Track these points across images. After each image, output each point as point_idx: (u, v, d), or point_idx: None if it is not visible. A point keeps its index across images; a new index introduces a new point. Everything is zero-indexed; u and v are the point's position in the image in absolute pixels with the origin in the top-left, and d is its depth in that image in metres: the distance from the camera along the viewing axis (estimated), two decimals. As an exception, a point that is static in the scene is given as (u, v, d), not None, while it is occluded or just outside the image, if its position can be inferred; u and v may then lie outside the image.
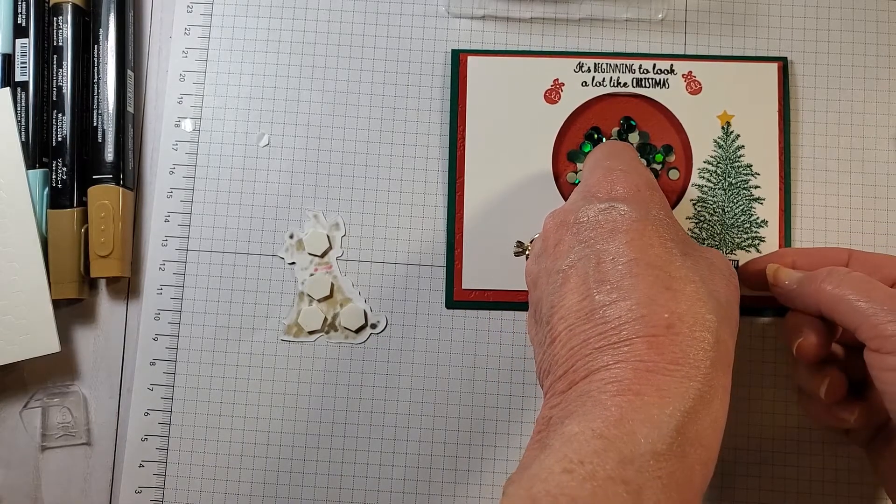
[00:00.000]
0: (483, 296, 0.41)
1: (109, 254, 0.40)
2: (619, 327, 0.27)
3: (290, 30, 0.42)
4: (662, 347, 0.27)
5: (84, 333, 0.41)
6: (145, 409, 0.40)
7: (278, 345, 0.41)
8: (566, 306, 0.29)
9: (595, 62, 0.42)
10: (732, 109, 0.41)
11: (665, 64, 0.42)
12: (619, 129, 0.41)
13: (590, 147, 0.41)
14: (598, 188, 0.33)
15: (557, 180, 0.41)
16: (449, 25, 0.42)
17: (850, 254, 0.36)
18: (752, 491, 0.39)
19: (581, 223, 0.31)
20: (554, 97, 0.42)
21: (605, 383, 0.26)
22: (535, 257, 0.34)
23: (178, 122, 0.42)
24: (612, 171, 0.33)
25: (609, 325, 0.28)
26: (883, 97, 0.42)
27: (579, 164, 0.41)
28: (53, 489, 0.40)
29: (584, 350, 0.28)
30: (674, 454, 0.25)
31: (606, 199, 0.32)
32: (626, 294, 0.28)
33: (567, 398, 0.28)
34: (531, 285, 0.34)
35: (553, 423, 0.27)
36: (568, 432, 0.26)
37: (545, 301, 0.31)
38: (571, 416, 0.26)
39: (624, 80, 0.42)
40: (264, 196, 0.42)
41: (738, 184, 0.41)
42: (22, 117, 0.41)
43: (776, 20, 0.42)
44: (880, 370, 0.30)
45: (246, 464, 0.40)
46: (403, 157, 0.42)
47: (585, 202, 0.32)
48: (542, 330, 0.31)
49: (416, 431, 0.40)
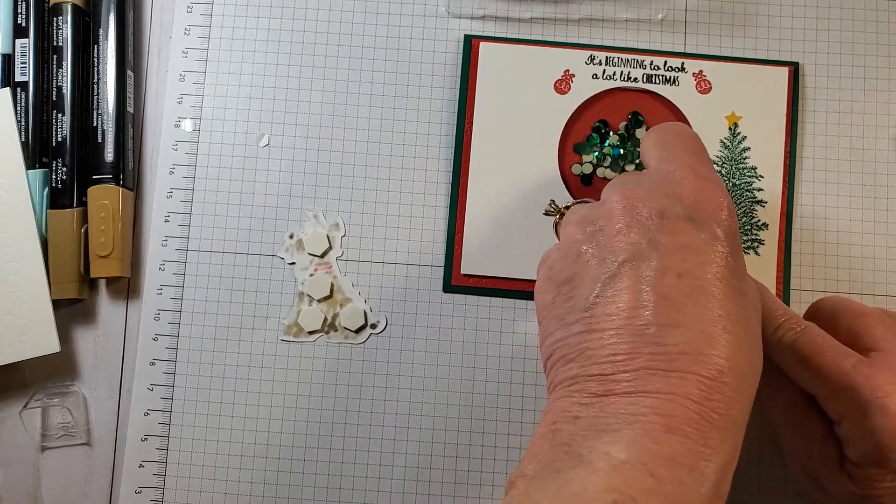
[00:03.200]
0: (481, 282, 0.41)
1: (109, 254, 0.40)
2: (675, 356, 0.26)
3: (290, 30, 0.42)
4: (711, 392, 0.26)
5: (84, 333, 0.41)
6: (145, 409, 0.40)
7: (278, 345, 0.41)
8: (618, 305, 0.28)
9: (606, 55, 0.42)
10: (741, 111, 0.41)
11: (676, 62, 0.42)
12: (626, 124, 0.42)
13: (597, 139, 0.41)
14: (684, 191, 0.30)
15: (562, 171, 0.41)
16: (449, 25, 0.42)
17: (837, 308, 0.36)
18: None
19: (656, 222, 0.29)
20: (564, 88, 0.42)
21: (654, 413, 0.26)
22: (583, 223, 0.31)
23: (177, 122, 0.42)
24: (701, 178, 0.31)
25: (664, 349, 0.27)
26: (883, 97, 0.42)
27: (585, 156, 0.41)
28: (53, 489, 0.40)
29: (632, 363, 0.27)
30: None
31: (691, 207, 0.29)
32: (688, 322, 0.27)
33: (606, 408, 0.27)
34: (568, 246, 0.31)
35: (584, 426, 0.27)
36: (615, 457, 0.25)
37: (589, 280, 0.29)
38: (614, 435, 0.26)
39: (634, 76, 0.42)
40: (264, 196, 0.42)
41: (742, 185, 0.41)
42: (22, 117, 0.41)
43: (776, 20, 0.42)
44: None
45: (246, 464, 0.40)
46: (403, 157, 0.42)
47: (668, 200, 0.30)
48: (575, 308, 0.29)
49: (416, 431, 0.40)
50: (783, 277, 0.40)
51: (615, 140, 0.41)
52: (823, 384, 0.32)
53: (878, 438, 0.31)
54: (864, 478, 0.32)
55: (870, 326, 0.34)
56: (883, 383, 0.31)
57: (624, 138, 0.42)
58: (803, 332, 0.34)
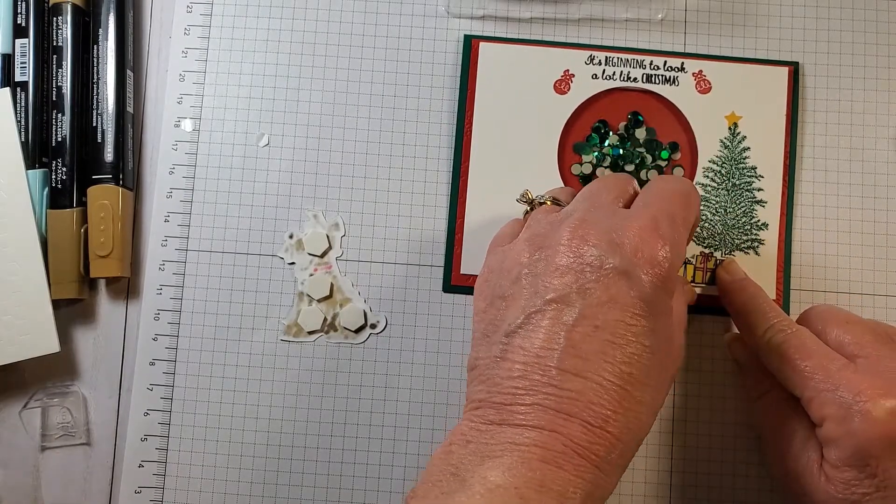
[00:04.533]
0: None
1: (109, 254, 0.40)
2: (568, 400, 0.28)
3: (290, 30, 0.42)
4: (593, 438, 0.28)
5: (84, 333, 0.41)
6: (145, 409, 0.40)
7: (278, 345, 0.41)
8: (533, 341, 0.29)
9: (606, 55, 0.42)
10: (741, 111, 0.41)
11: (676, 62, 0.42)
12: (626, 124, 0.42)
13: (596, 139, 0.41)
14: (629, 240, 0.30)
15: (562, 171, 0.41)
16: (449, 25, 0.42)
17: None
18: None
19: (593, 272, 0.30)
20: (563, 88, 0.42)
21: (535, 445, 0.28)
22: (532, 244, 0.32)
23: (177, 122, 0.42)
24: (655, 231, 0.31)
25: (560, 391, 0.28)
26: (883, 97, 0.42)
27: (584, 156, 0.41)
28: (53, 489, 0.40)
29: (529, 398, 0.29)
30: None
31: (630, 260, 0.30)
32: (589, 372, 0.29)
33: (496, 436, 0.29)
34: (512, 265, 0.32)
35: (472, 451, 0.29)
36: (491, 481, 0.27)
37: (518, 306, 0.30)
38: (495, 461, 0.28)
39: (634, 76, 0.42)
40: (264, 196, 0.42)
41: (742, 185, 0.41)
42: (22, 117, 0.41)
43: (776, 20, 0.42)
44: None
45: (246, 464, 0.40)
46: (403, 157, 0.42)
47: (610, 249, 0.30)
48: (499, 330, 0.31)
49: (416, 431, 0.40)
50: (783, 277, 0.40)
51: (615, 140, 0.41)
52: (808, 386, 0.33)
53: (858, 442, 0.31)
54: (843, 482, 0.32)
55: (858, 334, 0.35)
56: (866, 388, 0.32)
57: (623, 138, 0.42)
58: (793, 334, 0.35)
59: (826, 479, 0.33)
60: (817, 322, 0.36)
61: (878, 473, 0.31)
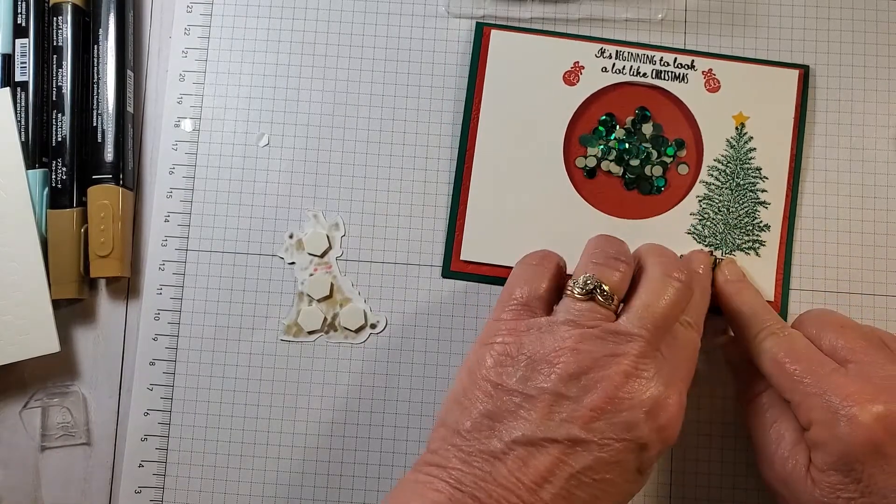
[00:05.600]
0: (480, 269, 0.41)
1: (109, 254, 0.40)
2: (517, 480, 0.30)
3: (290, 30, 0.42)
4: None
5: (84, 333, 0.41)
6: (145, 409, 0.40)
7: (278, 345, 0.41)
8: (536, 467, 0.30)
9: (617, 49, 0.42)
10: (748, 111, 0.41)
11: (686, 59, 0.42)
12: (633, 118, 0.42)
13: (603, 132, 0.41)
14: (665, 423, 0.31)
15: (566, 162, 0.41)
16: (448, 25, 0.42)
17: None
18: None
19: (624, 427, 0.31)
20: (573, 79, 0.42)
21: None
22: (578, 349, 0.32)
23: (177, 122, 0.42)
24: (682, 410, 0.32)
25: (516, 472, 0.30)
26: (883, 97, 0.42)
27: (590, 149, 0.41)
28: (53, 489, 0.40)
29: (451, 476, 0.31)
30: None
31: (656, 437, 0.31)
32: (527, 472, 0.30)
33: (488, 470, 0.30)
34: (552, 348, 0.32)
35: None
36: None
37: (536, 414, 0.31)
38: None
39: (644, 71, 0.42)
40: (264, 196, 0.42)
41: (746, 185, 0.41)
42: (22, 117, 0.41)
43: (776, 20, 0.42)
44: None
45: (246, 464, 0.40)
46: (403, 157, 0.42)
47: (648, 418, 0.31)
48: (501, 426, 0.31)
49: (416, 431, 0.40)
50: (783, 279, 0.40)
51: (621, 134, 0.41)
52: (797, 389, 0.33)
53: (844, 447, 0.31)
54: (829, 486, 0.32)
55: (852, 339, 0.35)
56: (854, 393, 0.32)
57: (630, 133, 0.41)
58: (785, 337, 0.35)
59: (813, 483, 0.33)
60: (812, 326, 0.36)
61: (863, 478, 0.31)
